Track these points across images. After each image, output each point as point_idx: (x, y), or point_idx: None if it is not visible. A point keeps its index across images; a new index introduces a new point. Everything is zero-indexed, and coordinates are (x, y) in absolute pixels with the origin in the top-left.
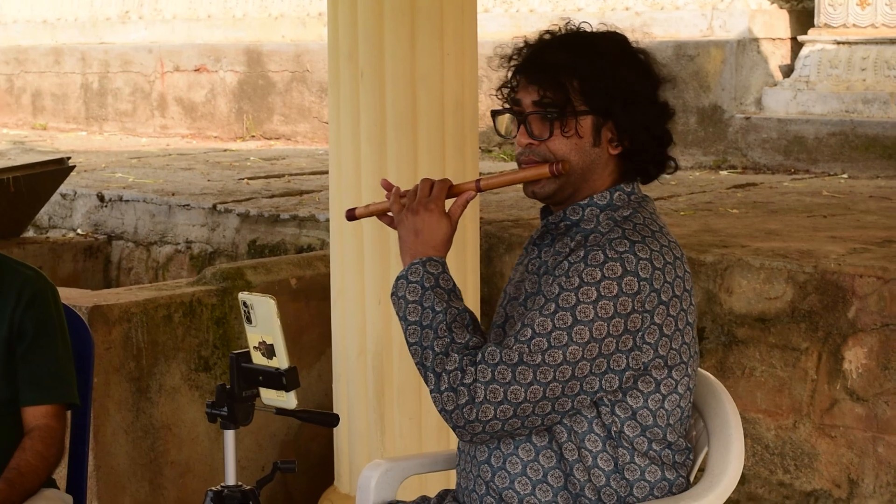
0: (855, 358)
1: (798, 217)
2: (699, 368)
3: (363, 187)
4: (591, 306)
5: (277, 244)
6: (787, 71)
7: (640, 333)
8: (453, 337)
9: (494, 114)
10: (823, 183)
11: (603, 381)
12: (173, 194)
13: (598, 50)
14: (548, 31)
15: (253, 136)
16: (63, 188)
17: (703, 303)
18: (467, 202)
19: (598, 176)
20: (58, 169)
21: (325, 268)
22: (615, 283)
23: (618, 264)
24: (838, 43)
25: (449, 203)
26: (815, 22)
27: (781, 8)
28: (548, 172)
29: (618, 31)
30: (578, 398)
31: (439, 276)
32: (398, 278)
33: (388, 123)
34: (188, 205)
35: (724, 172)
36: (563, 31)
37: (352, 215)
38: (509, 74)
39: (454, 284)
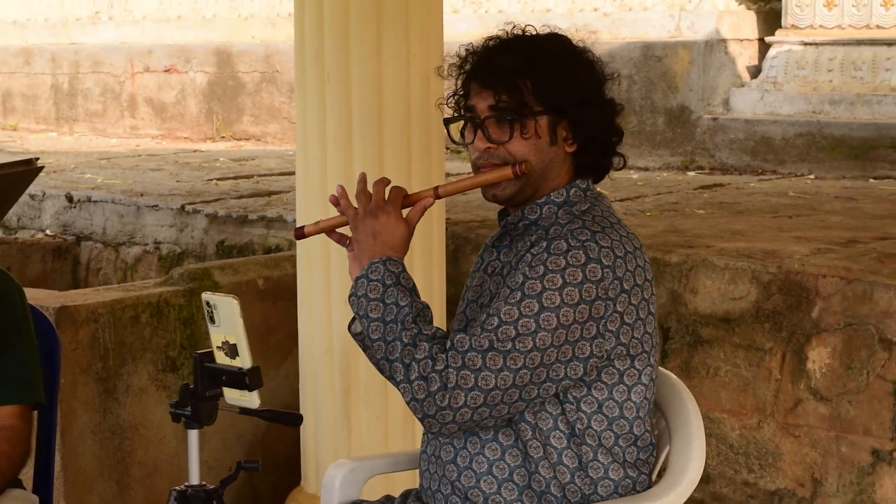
0: (818, 358)
1: (764, 217)
2: (661, 368)
3: (330, 188)
4: (556, 293)
5: (245, 245)
6: (755, 72)
7: (603, 321)
8: (420, 328)
9: (448, 122)
10: (790, 183)
11: (568, 369)
12: (142, 195)
13: (547, 50)
14: (493, 37)
15: (223, 137)
16: (32, 189)
17: (667, 303)
18: (425, 209)
19: (556, 174)
20: (27, 170)
21: (292, 268)
22: (579, 269)
23: (581, 252)
24: (805, 44)
25: (406, 212)
26: (783, 23)
27: (749, 9)
28: (510, 174)
29: (560, 31)
30: (545, 386)
31: (400, 275)
32: (358, 278)
33: (354, 124)
34: (157, 205)
35: (691, 173)
36: (508, 35)
37: (301, 234)
38: (458, 82)
39: (414, 283)
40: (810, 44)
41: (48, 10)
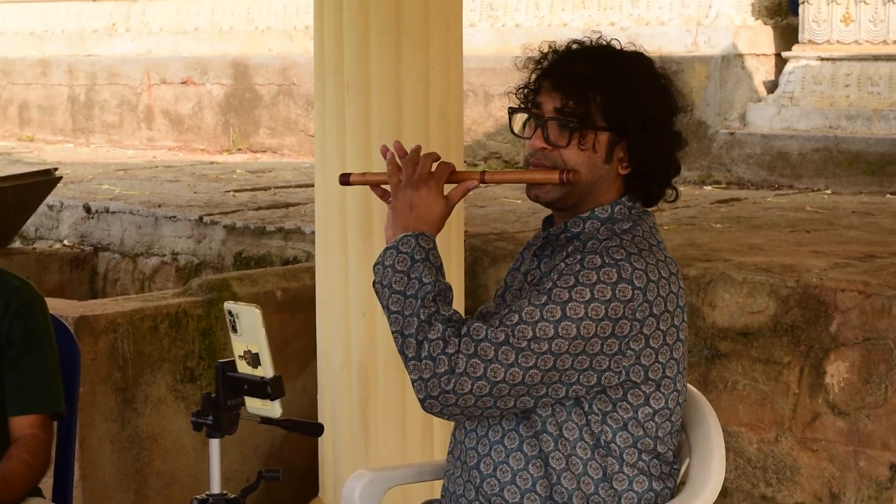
0: (837, 372)
1: (781, 232)
2: None
3: (348, 200)
4: (582, 305)
5: (263, 256)
6: (772, 87)
7: (626, 340)
8: (438, 308)
9: (512, 111)
10: (807, 198)
11: (581, 377)
12: (160, 206)
13: (625, 68)
14: (576, 41)
15: (239, 149)
16: (50, 199)
17: (685, 316)
18: (468, 190)
19: (604, 192)
20: (45, 180)
21: (311, 280)
22: (609, 287)
23: (613, 270)
24: (822, 59)
25: (448, 189)
26: (800, 38)
27: (766, 24)
28: (557, 179)
29: (645, 53)
30: (555, 386)
31: (430, 251)
32: (387, 248)
33: (373, 136)
34: (174, 217)
35: (708, 187)
36: (592, 44)
37: (346, 180)
38: (532, 77)
39: (441, 263)
40: (827, 59)
41: (65, 21)
